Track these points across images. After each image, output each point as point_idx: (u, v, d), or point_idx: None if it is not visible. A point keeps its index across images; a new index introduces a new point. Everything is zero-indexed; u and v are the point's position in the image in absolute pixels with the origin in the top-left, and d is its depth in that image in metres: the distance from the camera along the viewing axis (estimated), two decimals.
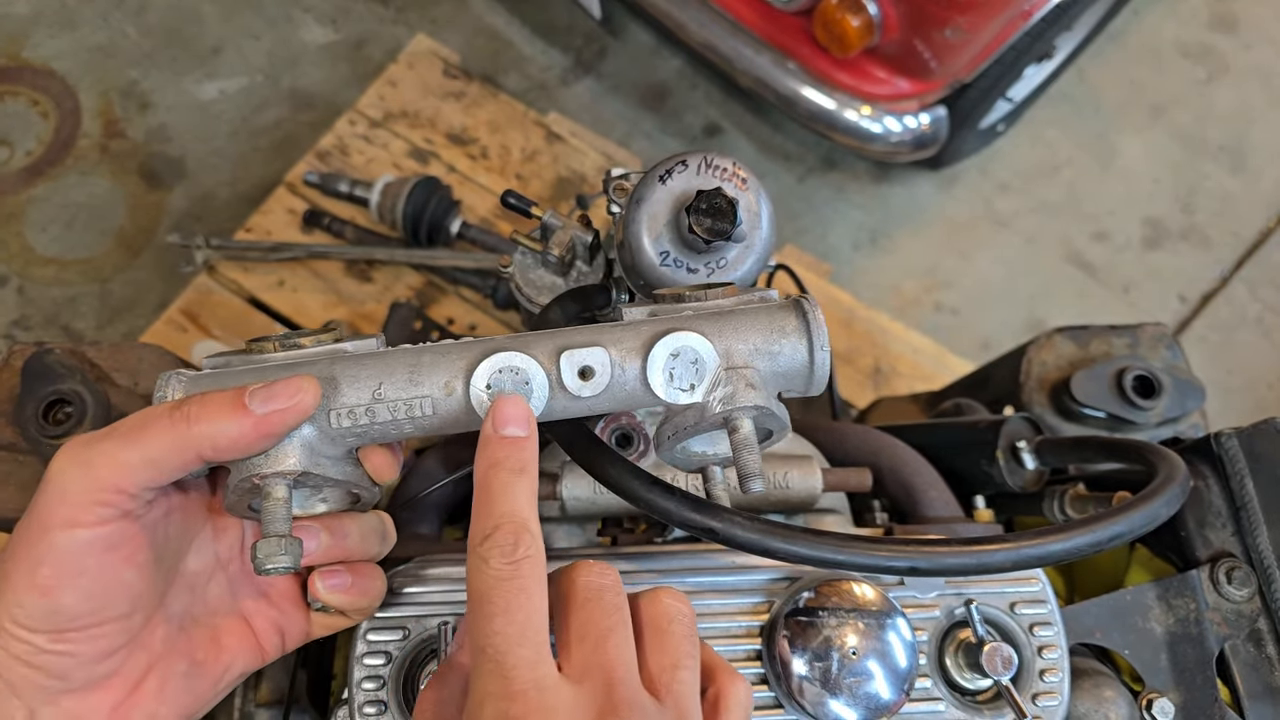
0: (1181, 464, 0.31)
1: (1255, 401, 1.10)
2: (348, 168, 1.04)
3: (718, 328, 0.25)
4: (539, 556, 0.21)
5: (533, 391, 0.24)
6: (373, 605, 0.27)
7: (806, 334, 0.25)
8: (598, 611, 0.22)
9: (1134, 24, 1.24)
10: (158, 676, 0.24)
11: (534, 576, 0.21)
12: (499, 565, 0.21)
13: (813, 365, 0.25)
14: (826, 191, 1.16)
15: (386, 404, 0.23)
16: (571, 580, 0.23)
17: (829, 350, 0.25)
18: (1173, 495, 0.29)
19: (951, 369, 0.98)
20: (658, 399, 0.25)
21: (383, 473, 0.26)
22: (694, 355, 0.24)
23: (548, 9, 1.20)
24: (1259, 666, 0.35)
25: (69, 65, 1.17)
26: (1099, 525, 0.27)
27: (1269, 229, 1.18)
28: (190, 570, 0.25)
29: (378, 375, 0.24)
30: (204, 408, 0.22)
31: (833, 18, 0.83)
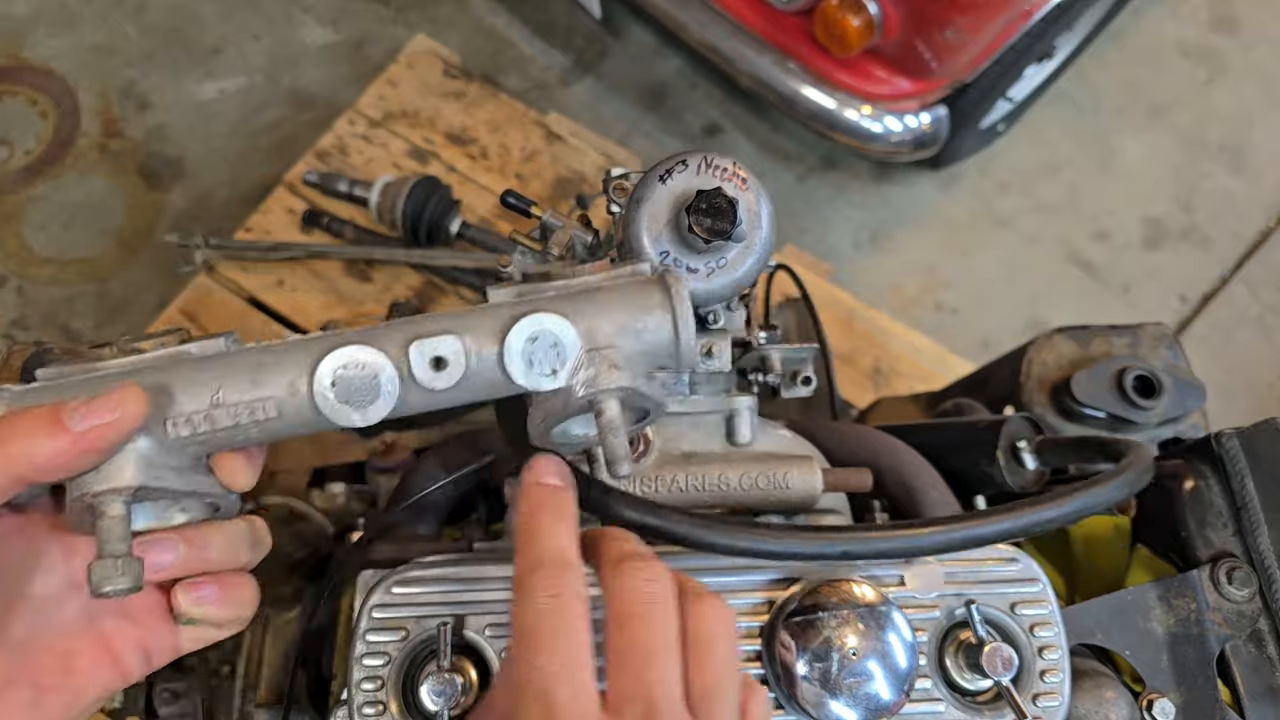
0: (1146, 451, 0.31)
1: (1256, 401, 1.10)
2: (347, 168, 1.04)
3: (578, 308, 0.23)
4: (583, 593, 0.21)
5: (381, 387, 0.22)
6: (244, 615, 0.26)
7: (670, 309, 0.24)
8: (644, 631, 0.21)
9: (1134, 24, 1.24)
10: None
11: (578, 612, 0.21)
12: (544, 600, 0.21)
13: (678, 341, 0.24)
14: (827, 191, 1.16)
15: (226, 409, 0.22)
16: (620, 589, 0.22)
17: (693, 325, 0.24)
18: (1123, 483, 0.29)
19: (952, 369, 0.97)
20: (519, 386, 0.23)
21: (236, 479, 0.24)
22: (553, 339, 0.23)
23: (548, 9, 1.20)
24: (1260, 667, 0.35)
25: (68, 65, 1.17)
26: (1026, 511, 0.27)
27: (1269, 229, 1.17)
28: (37, 594, 0.24)
29: (217, 379, 0.22)
30: (16, 427, 0.20)
31: (833, 18, 0.83)
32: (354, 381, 0.22)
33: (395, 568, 0.32)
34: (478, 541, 0.36)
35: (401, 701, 0.31)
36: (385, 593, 0.31)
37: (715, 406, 0.36)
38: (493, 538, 0.37)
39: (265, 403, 0.23)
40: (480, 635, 0.31)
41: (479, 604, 0.32)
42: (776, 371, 0.37)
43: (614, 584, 0.22)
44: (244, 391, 0.23)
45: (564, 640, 0.21)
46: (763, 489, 0.35)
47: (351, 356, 0.22)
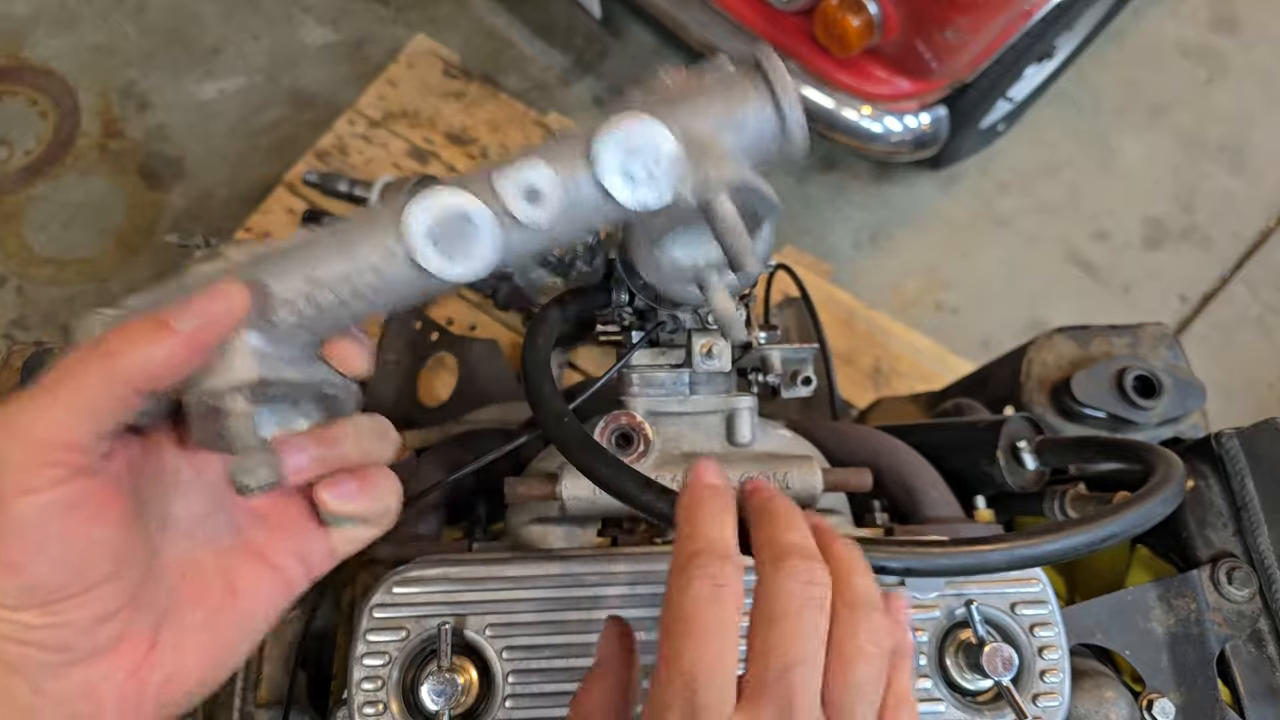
0: (1179, 463, 0.31)
1: (1256, 401, 1.10)
2: (347, 167, 1.04)
3: (669, 110, 0.22)
4: (740, 588, 0.21)
5: (479, 231, 0.21)
6: (391, 509, 0.25)
7: (770, 92, 0.22)
8: (793, 633, 0.21)
9: (1134, 24, 1.24)
10: (172, 632, 0.22)
11: (734, 607, 0.21)
12: (702, 589, 0.21)
13: (784, 123, 0.22)
14: (827, 191, 1.16)
15: (327, 286, 0.21)
16: (776, 588, 0.21)
17: (799, 108, 0.22)
18: (1169, 495, 0.29)
19: (952, 369, 0.97)
20: (623, 207, 0.21)
21: (351, 363, 0.24)
22: (648, 146, 0.21)
23: (548, 9, 1.20)
24: (1260, 667, 0.35)
25: (68, 65, 1.17)
26: (1096, 525, 0.27)
27: (1269, 229, 1.17)
28: (180, 516, 0.23)
29: (307, 261, 0.21)
30: (125, 338, 0.20)
31: (833, 18, 0.83)
32: (449, 229, 0.21)
33: (396, 567, 0.32)
34: (478, 542, 0.36)
35: (402, 701, 0.31)
36: (386, 592, 0.32)
37: (715, 406, 0.36)
38: (493, 538, 0.37)
39: (362, 272, 0.21)
40: (481, 635, 0.31)
41: (480, 604, 0.32)
42: (776, 371, 0.37)
43: (772, 581, 0.22)
44: (339, 265, 0.21)
45: (716, 635, 0.20)
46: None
47: (440, 202, 0.21)
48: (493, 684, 0.31)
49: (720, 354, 0.36)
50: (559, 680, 0.31)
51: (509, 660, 0.31)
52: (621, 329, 0.38)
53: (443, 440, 0.40)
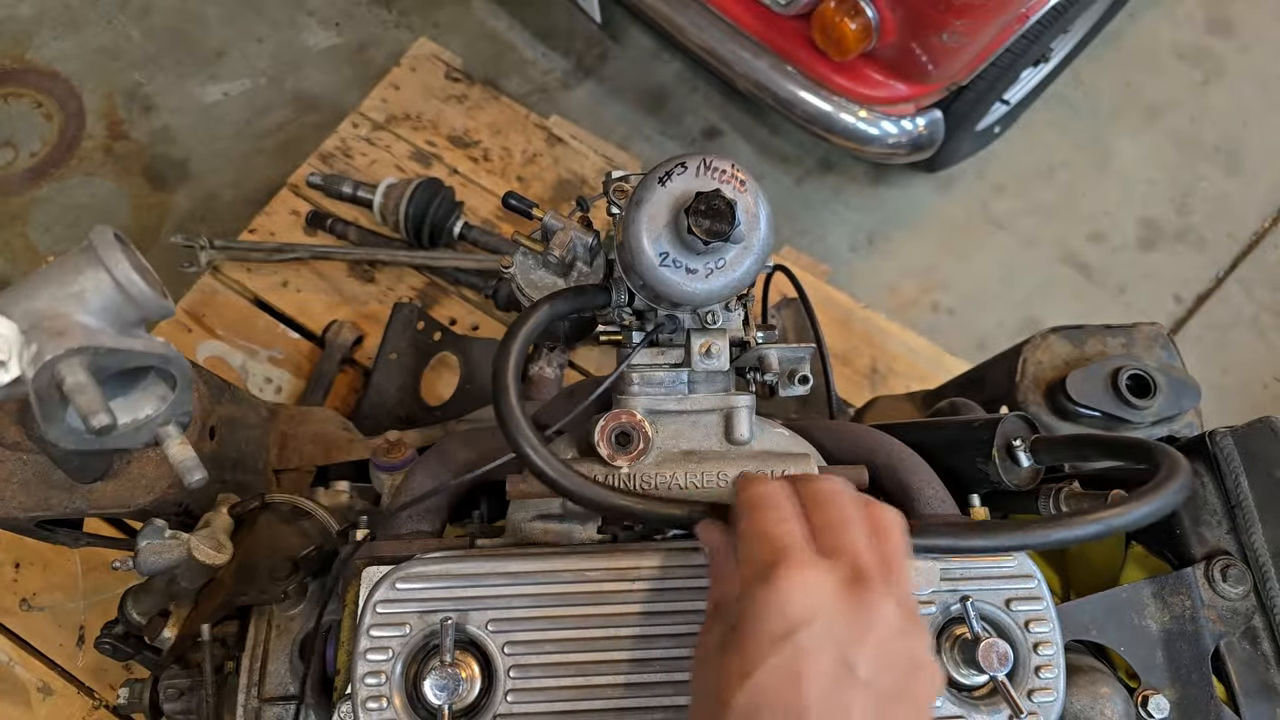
0: (1183, 459, 0.31)
1: (1250, 401, 1.10)
2: (351, 170, 1.04)
3: (8, 297, 0.25)
4: (791, 488, 0.28)
5: None
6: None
7: (100, 263, 0.25)
8: (838, 509, 0.27)
9: (1130, 27, 1.25)
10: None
11: (790, 495, 0.27)
12: (760, 486, 0.27)
13: (120, 285, 0.26)
14: (824, 193, 1.17)
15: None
16: (816, 488, 0.28)
17: (134, 275, 0.25)
18: (1179, 488, 0.30)
19: (948, 369, 0.98)
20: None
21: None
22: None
23: (549, 13, 1.21)
24: (1254, 663, 0.36)
25: (73, 67, 1.17)
26: (1111, 513, 0.28)
27: (1264, 230, 1.18)
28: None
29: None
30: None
31: (831, 21, 0.84)
32: None
33: (399, 564, 0.33)
34: (480, 538, 0.36)
35: (405, 696, 0.31)
36: (389, 588, 0.32)
37: (714, 405, 0.37)
38: (495, 534, 0.37)
39: None
40: (483, 630, 0.32)
41: (482, 599, 0.32)
42: (774, 371, 0.38)
43: (807, 485, 0.28)
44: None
45: (780, 507, 0.26)
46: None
47: None
48: (494, 678, 0.31)
49: (718, 353, 0.36)
50: (560, 675, 0.31)
51: (510, 655, 0.31)
52: (621, 329, 0.39)
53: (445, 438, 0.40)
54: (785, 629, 0.23)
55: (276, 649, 0.38)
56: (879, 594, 0.24)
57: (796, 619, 0.23)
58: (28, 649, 0.78)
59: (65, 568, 0.81)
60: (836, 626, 0.23)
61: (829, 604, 0.23)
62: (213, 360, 0.93)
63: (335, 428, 0.62)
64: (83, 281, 0.26)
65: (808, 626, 0.23)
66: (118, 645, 0.45)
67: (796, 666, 0.22)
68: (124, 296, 0.27)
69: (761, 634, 0.23)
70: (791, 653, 0.22)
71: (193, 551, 0.39)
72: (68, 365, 0.24)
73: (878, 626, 0.23)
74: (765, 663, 0.22)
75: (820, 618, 0.23)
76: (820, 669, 0.22)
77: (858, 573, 0.24)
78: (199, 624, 0.40)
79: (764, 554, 0.25)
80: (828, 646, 0.23)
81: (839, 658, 0.23)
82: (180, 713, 0.42)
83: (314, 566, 0.39)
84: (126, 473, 0.43)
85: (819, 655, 0.22)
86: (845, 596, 0.24)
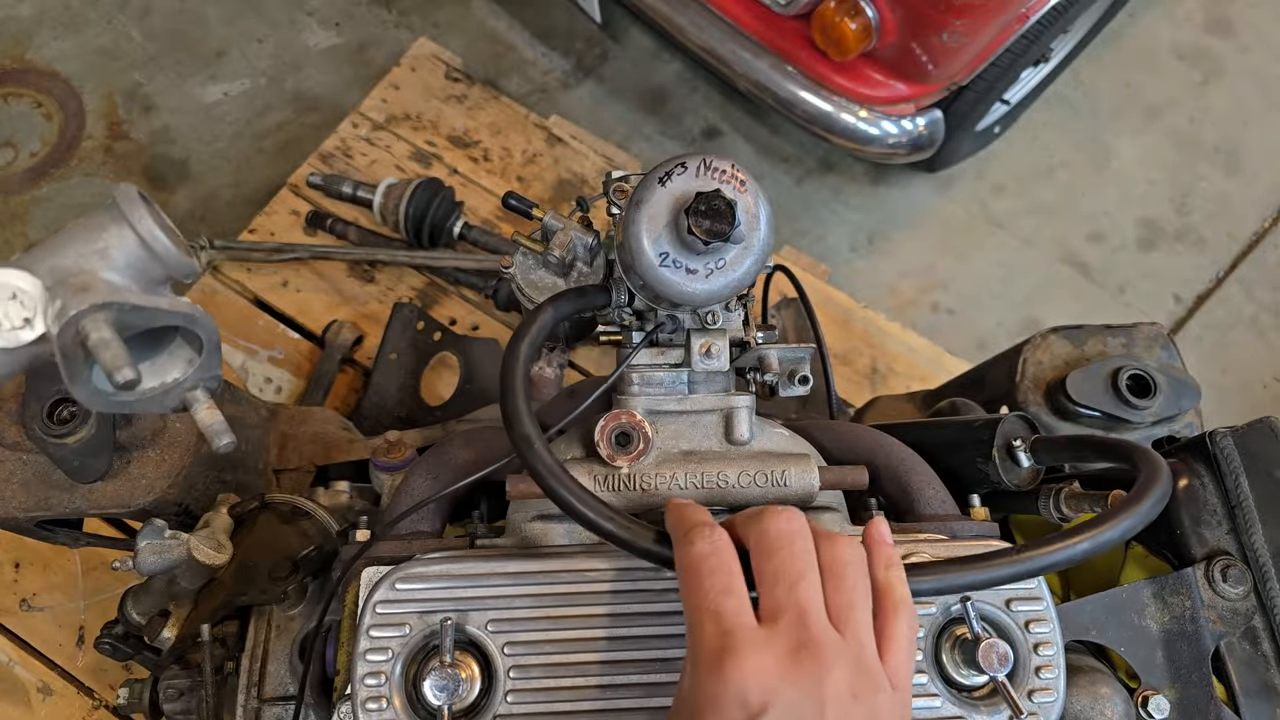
0: (1164, 467, 0.31)
1: (1250, 401, 1.10)
2: (351, 170, 1.04)
3: (32, 255, 0.25)
4: (731, 544, 0.26)
5: None
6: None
7: (124, 219, 0.25)
8: (789, 557, 0.26)
9: (1130, 27, 1.25)
10: None
11: (732, 553, 0.26)
12: (702, 545, 0.26)
13: (144, 242, 0.26)
14: (824, 193, 1.16)
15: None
16: (764, 529, 0.27)
17: (159, 232, 0.25)
18: (1154, 503, 0.29)
19: (948, 369, 0.98)
20: (6, 349, 0.24)
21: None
22: (10, 290, 0.24)
23: (549, 13, 1.21)
24: (1254, 664, 0.36)
25: (73, 67, 1.17)
26: (1090, 534, 0.28)
27: (1264, 230, 1.18)
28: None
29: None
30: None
31: (831, 21, 0.84)
32: None
33: (399, 564, 0.33)
34: (480, 538, 0.36)
35: (405, 696, 0.31)
36: (389, 589, 0.32)
37: (714, 405, 0.37)
38: (495, 535, 0.37)
39: None
40: (482, 631, 0.32)
41: (481, 600, 0.32)
42: (774, 371, 0.38)
43: (757, 526, 0.27)
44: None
45: (724, 571, 0.26)
46: (761, 486, 0.36)
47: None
48: (494, 679, 0.31)
49: (718, 353, 0.36)
50: (560, 675, 0.31)
51: (510, 655, 0.32)
52: (621, 329, 0.39)
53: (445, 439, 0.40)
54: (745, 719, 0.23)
55: (276, 649, 0.38)
56: (831, 657, 0.24)
57: (757, 707, 0.23)
58: (28, 649, 0.78)
59: (65, 568, 0.81)
60: (796, 705, 0.23)
61: (781, 684, 0.23)
62: None
63: (335, 428, 0.62)
64: (107, 238, 0.25)
65: (768, 712, 0.23)
66: (117, 645, 0.45)
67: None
68: (149, 253, 0.26)
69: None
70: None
71: (192, 551, 0.39)
72: (92, 321, 0.24)
73: (831, 698, 0.23)
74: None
75: (779, 701, 0.23)
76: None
77: (806, 636, 0.24)
78: (199, 624, 0.40)
79: (710, 638, 0.25)
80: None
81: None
82: (180, 713, 0.42)
83: (314, 566, 0.39)
84: (126, 473, 0.43)
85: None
86: (795, 670, 0.24)
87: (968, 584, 0.28)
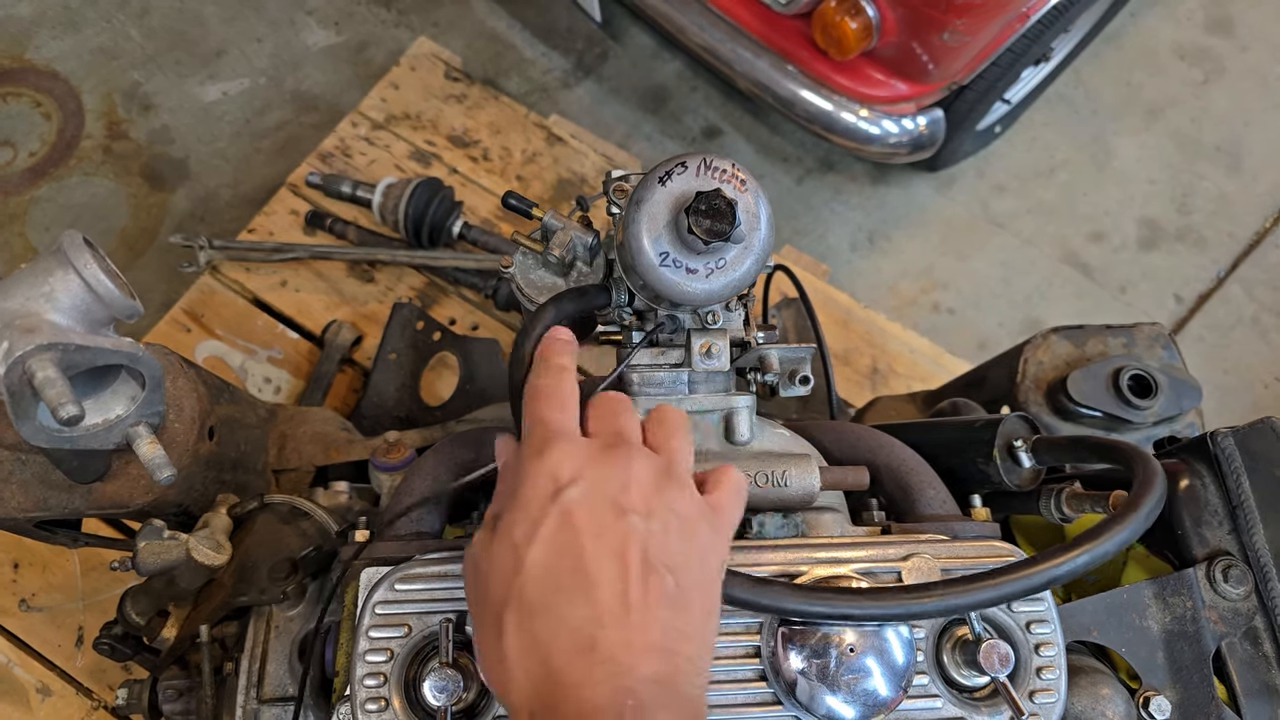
0: (1160, 473, 0.31)
1: (1251, 401, 1.10)
2: (350, 169, 1.04)
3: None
4: (575, 386, 0.29)
5: None
6: None
7: (69, 264, 0.27)
8: (614, 404, 0.29)
9: (1131, 26, 1.25)
10: None
11: (572, 391, 0.29)
12: (546, 379, 0.29)
13: (88, 285, 0.28)
14: (825, 193, 1.16)
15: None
16: (599, 400, 0.29)
17: (102, 276, 0.27)
18: (1148, 510, 0.29)
19: (949, 369, 0.98)
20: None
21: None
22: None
23: (549, 12, 1.21)
24: (1256, 664, 0.36)
25: (72, 67, 1.17)
26: (1073, 555, 0.28)
27: (1265, 230, 1.18)
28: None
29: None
30: None
31: (831, 21, 0.83)
32: None
33: (398, 565, 0.33)
34: None
35: (404, 697, 0.31)
36: (388, 589, 0.32)
37: (714, 405, 0.37)
38: None
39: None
40: None
41: None
42: (775, 371, 0.38)
43: (594, 401, 0.29)
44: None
45: (558, 397, 0.28)
46: (761, 487, 0.35)
47: None
48: None
49: (719, 354, 0.36)
50: None
51: None
52: (621, 329, 0.39)
53: (445, 439, 0.40)
54: (554, 489, 0.25)
55: (275, 650, 0.38)
56: (636, 454, 0.26)
57: (566, 478, 0.25)
58: (26, 650, 0.78)
59: (64, 568, 0.80)
60: (601, 481, 0.25)
61: (589, 466, 0.26)
62: (212, 360, 0.93)
63: (335, 428, 0.62)
64: (53, 283, 0.28)
65: (575, 484, 0.25)
66: (116, 646, 0.44)
67: (573, 516, 0.24)
68: (93, 296, 0.28)
69: (536, 499, 0.25)
70: (567, 505, 0.25)
71: (192, 552, 0.39)
72: (38, 361, 0.26)
73: (638, 478, 0.26)
74: (546, 520, 0.24)
75: (587, 476, 0.25)
76: (594, 514, 0.24)
77: (619, 440, 0.27)
78: (198, 625, 0.40)
79: (536, 438, 0.27)
80: (597, 496, 0.25)
81: (608, 504, 0.25)
82: (179, 713, 0.42)
83: (313, 567, 0.39)
84: (126, 473, 0.43)
85: (591, 504, 0.25)
86: (604, 458, 0.26)
87: (969, 604, 0.28)
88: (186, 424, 0.44)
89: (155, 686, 0.43)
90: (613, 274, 0.38)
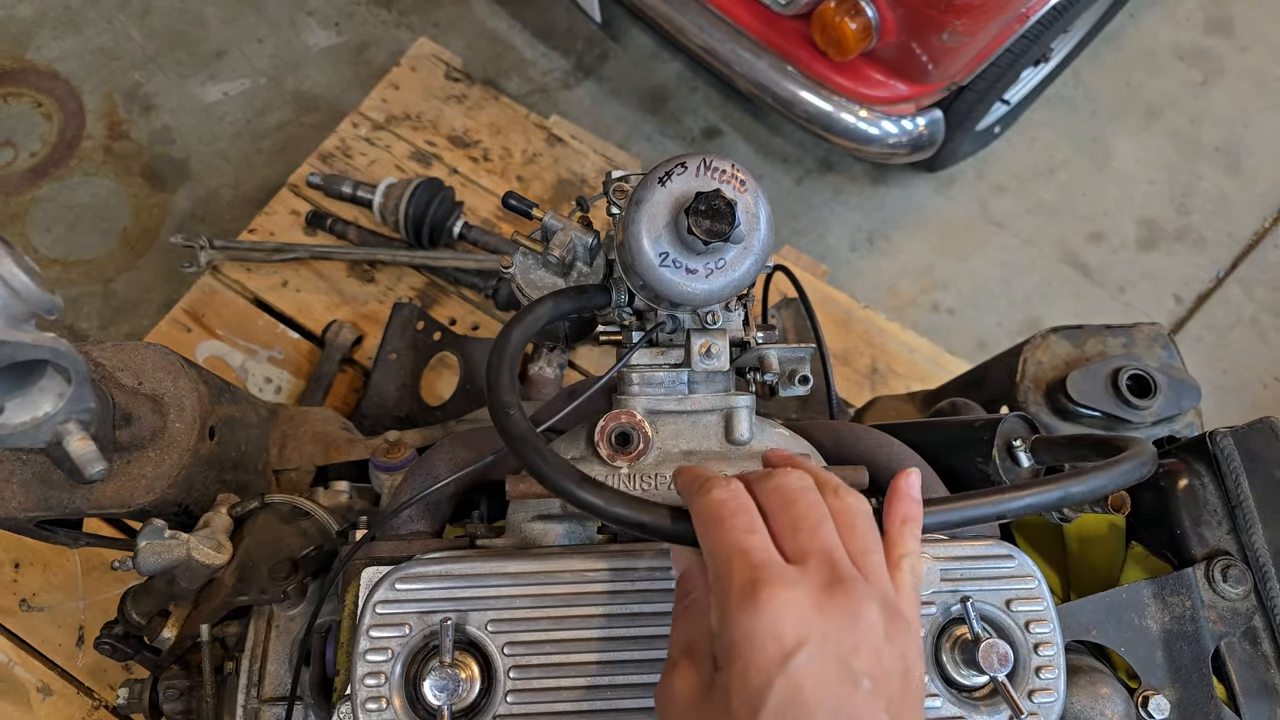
0: (1150, 445, 0.32)
1: (1251, 401, 1.10)
2: (351, 170, 1.04)
3: None
4: (746, 488, 0.26)
5: None
6: None
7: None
8: (806, 507, 0.26)
9: (1130, 27, 1.25)
10: None
11: (749, 498, 0.26)
12: (721, 493, 0.26)
13: (4, 281, 0.28)
14: (824, 193, 1.17)
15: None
16: (776, 484, 0.27)
17: (18, 271, 0.27)
18: (1137, 465, 0.30)
19: (948, 369, 0.98)
20: None
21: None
22: None
23: (549, 13, 1.21)
24: (1254, 664, 0.36)
25: (73, 67, 1.17)
26: (1070, 481, 0.29)
27: (1264, 230, 1.18)
28: None
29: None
30: None
31: (831, 21, 0.84)
32: None
33: (398, 564, 0.33)
34: (480, 538, 0.36)
35: (404, 697, 0.31)
36: (388, 589, 0.32)
37: (714, 405, 0.37)
38: (494, 534, 0.37)
39: None
40: (482, 631, 0.32)
41: (481, 600, 0.32)
42: (774, 371, 0.38)
43: (768, 482, 0.27)
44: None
45: (745, 513, 0.25)
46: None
47: None
48: (494, 679, 0.31)
49: (719, 354, 0.36)
50: (560, 675, 0.31)
51: (510, 655, 0.31)
52: (621, 329, 0.39)
53: (445, 439, 0.40)
54: (782, 654, 0.22)
55: (276, 650, 0.38)
56: (861, 595, 0.23)
57: (792, 641, 0.22)
58: (27, 649, 0.78)
59: (65, 568, 0.81)
60: (831, 640, 0.22)
61: (816, 620, 0.22)
62: (212, 360, 0.93)
63: (335, 428, 0.62)
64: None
65: (805, 647, 0.22)
66: (117, 645, 0.45)
67: (803, 690, 0.21)
68: (9, 291, 0.28)
69: (759, 665, 0.22)
70: (796, 676, 0.22)
71: (192, 552, 0.39)
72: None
73: (868, 633, 0.23)
74: (771, 692, 0.21)
75: (814, 635, 0.22)
76: (826, 687, 0.22)
77: (835, 576, 0.24)
78: (198, 624, 0.40)
79: (740, 575, 0.23)
80: (829, 662, 0.22)
81: (841, 671, 0.22)
82: (180, 713, 0.42)
83: (314, 567, 0.39)
84: (126, 473, 0.43)
85: (822, 673, 0.22)
86: (829, 606, 0.23)
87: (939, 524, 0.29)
88: (187, 424, 0.44)
89: (156, 686, 0.43)
90: (613, 274, 0.38)
